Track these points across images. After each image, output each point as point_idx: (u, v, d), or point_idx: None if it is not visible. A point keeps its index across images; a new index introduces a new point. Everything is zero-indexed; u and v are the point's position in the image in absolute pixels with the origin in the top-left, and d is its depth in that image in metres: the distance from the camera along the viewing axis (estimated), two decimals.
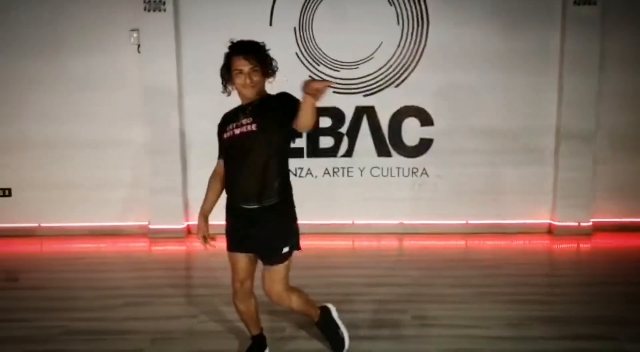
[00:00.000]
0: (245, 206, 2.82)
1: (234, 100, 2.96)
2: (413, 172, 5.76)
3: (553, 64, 5.52)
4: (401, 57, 5.57)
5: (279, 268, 2.90)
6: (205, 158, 5.66)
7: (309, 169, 5.76)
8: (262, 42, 2.85)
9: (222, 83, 2.87)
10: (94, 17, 5.50)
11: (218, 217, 3.07)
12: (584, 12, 5.34)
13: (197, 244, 5.44)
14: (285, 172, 2.93)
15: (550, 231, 5.75)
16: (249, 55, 2.75)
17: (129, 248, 5.50)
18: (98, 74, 5.58)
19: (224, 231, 2.97)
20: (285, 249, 2.89)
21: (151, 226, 5.73)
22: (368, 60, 5.58)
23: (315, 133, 5.69)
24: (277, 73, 2.90)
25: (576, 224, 5.65)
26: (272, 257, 2.88)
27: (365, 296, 4.07)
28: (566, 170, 5.59)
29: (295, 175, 5.70)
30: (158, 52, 5.44)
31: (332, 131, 5.69)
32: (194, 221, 5.79)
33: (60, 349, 3.29)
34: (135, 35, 5.44)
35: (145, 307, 3.91)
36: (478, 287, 4.24)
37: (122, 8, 5.44)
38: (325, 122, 5.67)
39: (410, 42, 5.54)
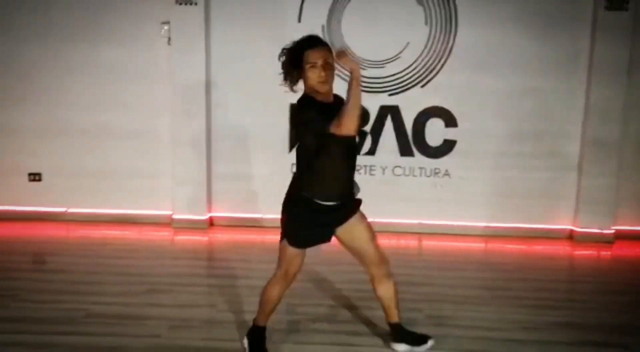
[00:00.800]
0: (338, 203, 2.94)
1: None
2: (435, 173, 5.76)
3: (581, 70, 5.46)
4: (428, 57, 5.57)
5: None
6: (230, 152, 5.84)
7: None
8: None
9: (287, 79, 2.85)
10: (127, 8, 5.60)
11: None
12: (614, 18, 5.27)
13: (218, 235, 5.64)
14: None
15: (571, 236, 5.70)
16: (323, 47, 2.78)
17: (152, 236, 5.61)
18: (129, 65, 5.69)
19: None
20: None
21: (175, 216, 5.83)
22: (395, 60, 5.60)
23: None
24: None
25: (598, 231, 5.60)
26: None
27: None
28: (590, 177, 5.54)
29: None
30: (188, 46, 5.53)
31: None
32: (216, 212, 5.90)
33: (81, 330, 3.39)
34: (166, 27, 5.52)
35: (166, 294, 4.00)
36: (496, 290, 4.25)
37: (155, 0, 5.54)
38: None
39: (437, 43, 5.53)
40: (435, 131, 5.68)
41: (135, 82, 5.72)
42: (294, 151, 5.78)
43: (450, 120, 5.67)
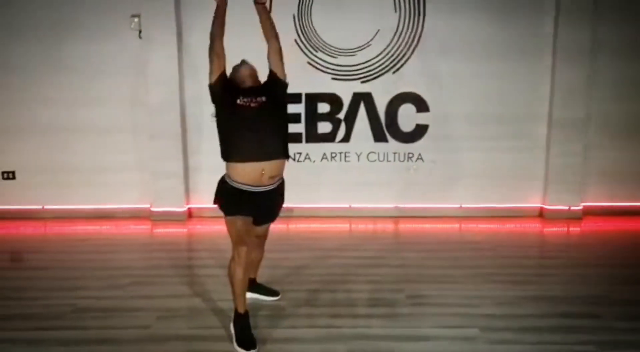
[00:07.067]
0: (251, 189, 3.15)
1: None
2: (409, 157, 5.89)
3: (546, 52, 5.64)
4: (398, 44, 5.67)
5: None
6: (205, 143, 5.86)
7: (307, 154, 5.89)
8: None
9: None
10: (95, 2, 5.57)
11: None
12: (577, 1, 5.44)
13: (198, 227, 5.69)
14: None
15: (541, 214, 5.92)
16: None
17: (131, 230, 5.64)
18: (100, 60, 5.68)
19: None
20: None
21: (153, 209, 5.86)
22: (366, 48, 5.69)
23: (313, 119, 5.81)
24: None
25: (567, 207, 5.82)
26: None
27: (362, 276, 4.23)
28: (557, 156, 5.74)
29: (294, 159, 5.84)
30: (159, 38, 5.54)
31: (330, 117, 5.82)
32: (194, 204, 5.94)
33: (70, 325, 3.43)
34: (136, 20, 5.51)
35: (150, 286, 4.05)
36: (471, 268, 4.40)
37: None
38: (324, 107, 5.80)
39: (407, 30, 5.64)
40: (407, 116, 5.81)
41: (108, 76, 5.72)
42: None
43: (421, 105, 5.79)
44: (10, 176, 5.91)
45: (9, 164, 5.90)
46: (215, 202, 3.28)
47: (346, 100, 5.80)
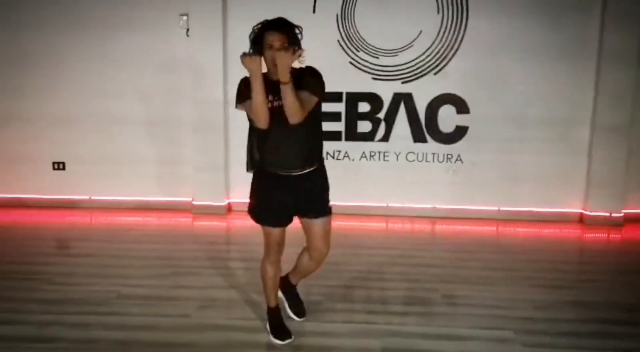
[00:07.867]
0: (285, 173, 3.00)
1: None
2: (448, 158, 5.89)
3: (591, 55, 5.55)
4: (440, 45, 5.67)
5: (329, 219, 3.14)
6: (246, 139, 5.97)
7: (346, 152, 5.95)
8: (297, 26, 2.91)
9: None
10: (147, 0, 5.77)
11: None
12: (624, 3, 5.34)
13: (237, 221, 5.80)
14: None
15: (581, 220, 5.82)
16: (280, 32, 2.80)
17: (173, 222, 5.81)
18: (148, 55, 5.87)
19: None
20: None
21: (194, 202, 6.02)
22: (407, 48, 5.71)
23: (353, 118, 5.87)
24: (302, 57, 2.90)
25: (607, 214, 5.71)
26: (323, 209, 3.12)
27: (397, 274, 4.27)
28: (600, 161, 5.64)
29: (333, 157, 5.90)
30: (206, 36, 5.69)
31: (370, 116, 5.86)
32: (235, 198, 6.07)
33: (115, 311, 3.57)
34: (184, 19, 5.67)
35: (190, 276, 4.18)
36: (508, 271, 4.38)
37: None
38: (364, 107, 5.84)
39: (449, 31, 5.63)
40: (447, 117, 5.80)
41: (155, 71, 5.91)
42: None
43: (462, 107, 5.78)
44: (60, 166, 6.16)
45: (60, 155, 6.15)
46: (250, 197, 3.24)
47: (386, 100, 5.83)
